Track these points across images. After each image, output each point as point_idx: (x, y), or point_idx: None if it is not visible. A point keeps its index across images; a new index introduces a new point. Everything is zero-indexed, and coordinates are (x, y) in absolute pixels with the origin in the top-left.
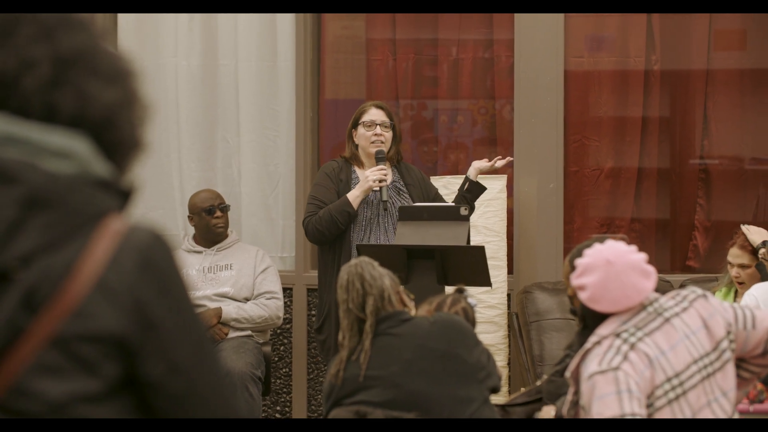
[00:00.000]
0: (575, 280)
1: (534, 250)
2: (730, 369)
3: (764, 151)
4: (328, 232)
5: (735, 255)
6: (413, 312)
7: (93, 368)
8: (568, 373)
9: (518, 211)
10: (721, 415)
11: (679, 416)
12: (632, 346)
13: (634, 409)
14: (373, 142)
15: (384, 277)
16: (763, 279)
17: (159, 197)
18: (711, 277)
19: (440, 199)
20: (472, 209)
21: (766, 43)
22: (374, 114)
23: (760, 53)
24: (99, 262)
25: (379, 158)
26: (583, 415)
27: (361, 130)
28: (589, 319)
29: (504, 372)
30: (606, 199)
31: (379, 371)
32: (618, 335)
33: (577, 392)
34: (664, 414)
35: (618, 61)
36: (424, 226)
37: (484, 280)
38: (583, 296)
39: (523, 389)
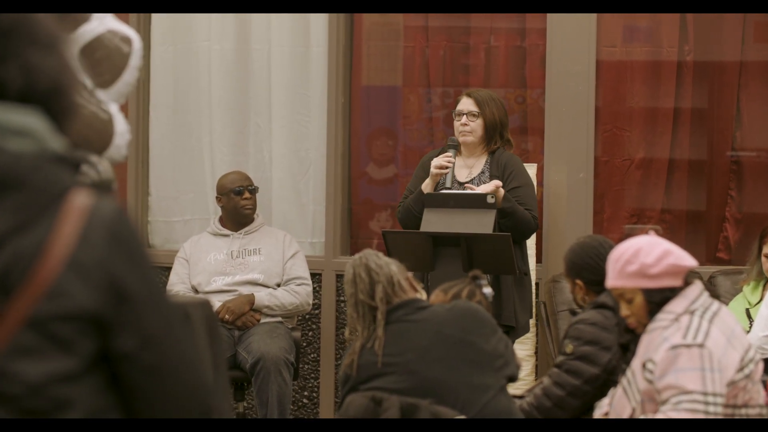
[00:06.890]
0: (660, 263)
1: (563, 239)
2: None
3: None
4: (408, 220)
5: None
6: (425, 298)
7: (69, 346)
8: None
9: (548, 201)
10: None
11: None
12: (710, 324)
13: (716, 388)
14: (460, 132)
15: (390, 264)
16: None
17: (190, 181)
18: (741, 269)
19: (528, 195)
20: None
21: None
22: (462, 103)
23: None
24: (69, 240)
25: (449, 146)
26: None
27: (455, 120)
28: (660, 300)
29: (531, 361)
30: (636, 189)
31: (395, 358)
32: (692, 313)
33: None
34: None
35: (651, 52)
36: (450, 214)
37: (509, 268)
38: (671, 259)
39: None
